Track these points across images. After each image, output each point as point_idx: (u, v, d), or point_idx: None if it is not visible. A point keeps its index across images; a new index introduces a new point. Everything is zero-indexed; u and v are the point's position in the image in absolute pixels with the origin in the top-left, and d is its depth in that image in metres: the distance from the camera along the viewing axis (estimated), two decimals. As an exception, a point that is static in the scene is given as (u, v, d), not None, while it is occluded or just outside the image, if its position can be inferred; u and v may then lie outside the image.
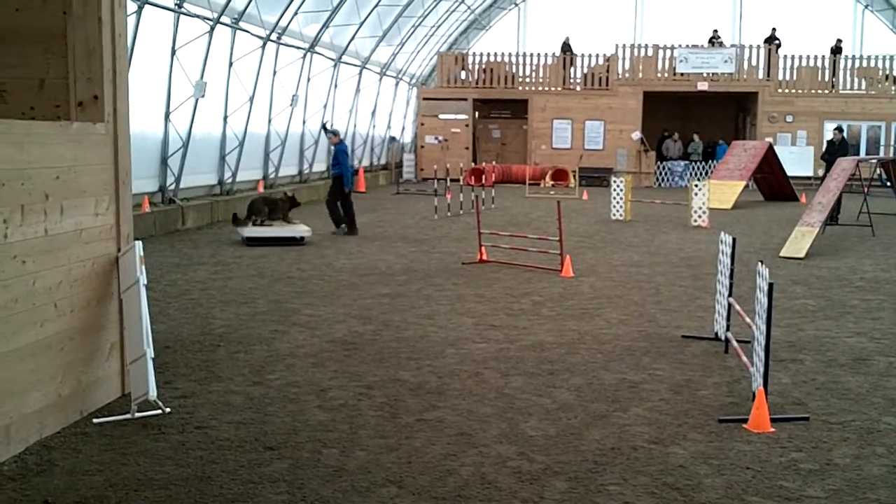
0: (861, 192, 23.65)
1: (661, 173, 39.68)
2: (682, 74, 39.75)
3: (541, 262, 16.05)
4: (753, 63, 39.77)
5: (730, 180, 29.41)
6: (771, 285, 7.52)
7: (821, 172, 28.22)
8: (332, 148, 21.71)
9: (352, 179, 21.39)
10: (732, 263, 9.91)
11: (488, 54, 41.67)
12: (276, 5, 24.64)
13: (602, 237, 20.72)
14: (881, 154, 36.95)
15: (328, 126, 24.84)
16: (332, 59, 31.23)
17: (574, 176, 35.78)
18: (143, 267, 7.83)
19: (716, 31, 41.28)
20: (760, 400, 7.53)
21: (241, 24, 23.49)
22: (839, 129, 27.98)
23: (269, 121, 26.87)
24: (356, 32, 31.18)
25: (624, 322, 11.66)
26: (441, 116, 41.04)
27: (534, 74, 41.24)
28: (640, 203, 28.45)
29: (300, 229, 19.09)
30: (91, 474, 6.39)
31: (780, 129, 39.05)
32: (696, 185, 23.54)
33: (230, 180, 24.97)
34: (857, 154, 36.03)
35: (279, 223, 19.23)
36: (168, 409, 7.70)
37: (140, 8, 18.60)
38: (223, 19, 22.29)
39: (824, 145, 32.13)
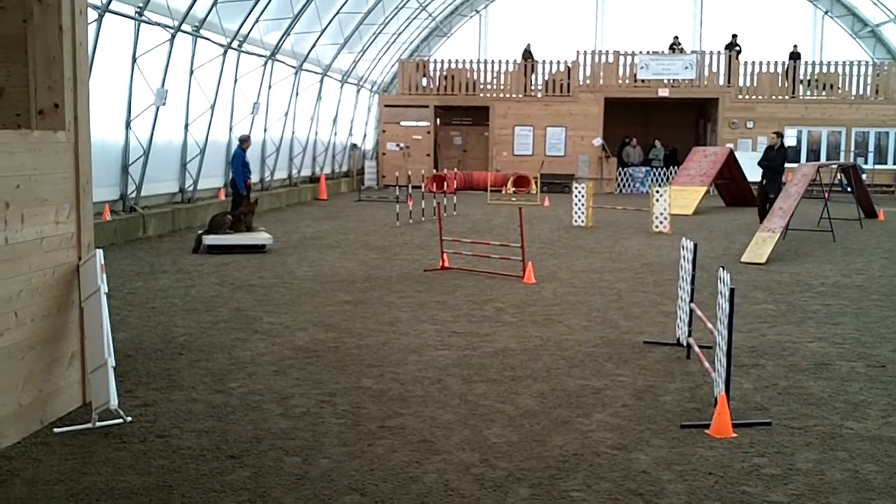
0: (822, 198, 23.80)
1: (622, 179, 39.82)
2: (643, 81, 39.96)
3: (503, 268, 16.07)
4: (714, 69, 40.04)
5: (691, 186, 29.60)
6: (732, 290, 7.56)
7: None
8: (242, 153, 21.79)
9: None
10: (694, 269, 9.95)
11: (449, 61, 41.74)
12: (237, 13, 24.55)
13: (564, 243, 20.77)
14: (842, 159, 37.26)
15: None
16: (294, 67, 31.16)
17: (536, 182, 35.89)
18: (104, 275, 7.77)
19: (676, 37, 41.55)
20: (722, 405, 7.56)
21: (202, 32, 23.40)
22: (779, 133, 26.41)
23: (231, 129, 26.73)
24: (317, 40, 31.12)
25: (586, 328, 11.69)
26: (402, 123, 41.06)
27: (495, 81, 41.35)
28: (601, 209, 28.55)
29: (262, 237, 19.00)
30: (52, 484, 6.33)
31: (740, 135, 39.33)
32: (658, 191, 23.63)
33: (191, 188, 24.84)
34: (811, 160, 36.41)
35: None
36: (129, 419, 7.64)
37: (101, 16, 18.47)
38: (184, 27, 22.19)
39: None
